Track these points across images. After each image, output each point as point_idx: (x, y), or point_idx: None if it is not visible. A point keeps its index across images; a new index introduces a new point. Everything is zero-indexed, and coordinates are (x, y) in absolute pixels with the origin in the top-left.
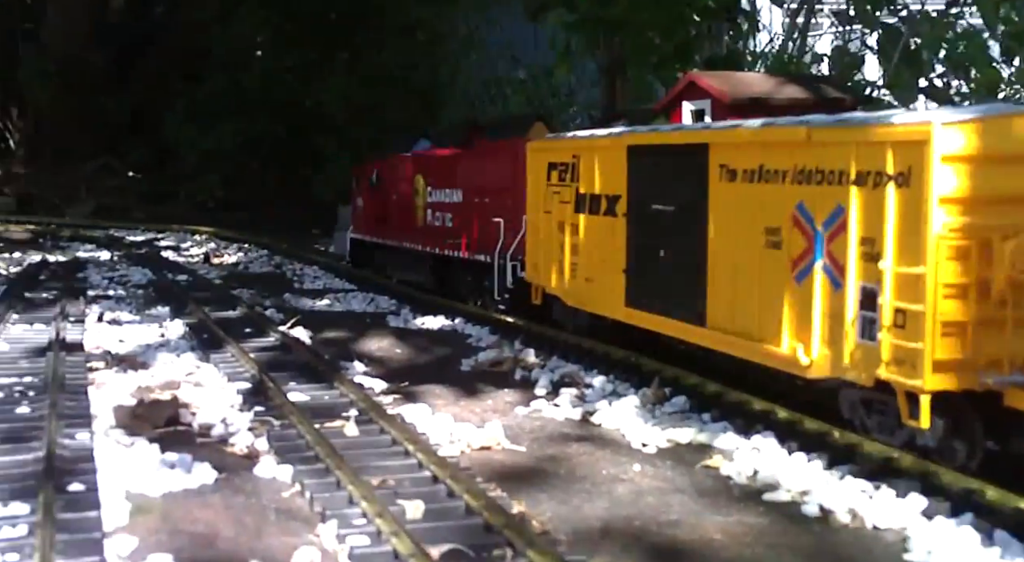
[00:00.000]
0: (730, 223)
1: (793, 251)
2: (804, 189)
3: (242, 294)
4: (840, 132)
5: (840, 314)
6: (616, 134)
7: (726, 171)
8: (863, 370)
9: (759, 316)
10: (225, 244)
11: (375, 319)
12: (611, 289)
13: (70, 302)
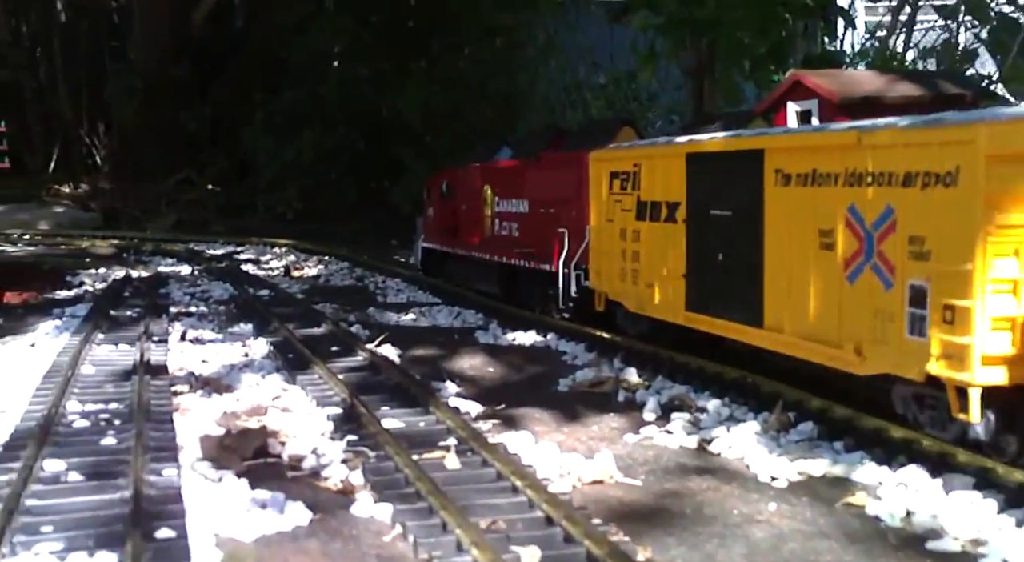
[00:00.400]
0: (785, 226)
1: (845, 252)
2: (855, 191)
3: (325, 309)
4: (888, 134)
5: (891, 312)
6: (675, 142)
7: (781, 175)
8: (914, 366)
9: (814, 316)
10: (305, 256)
11: (463, 335)
12: (672, 294)
13: (153, 320)
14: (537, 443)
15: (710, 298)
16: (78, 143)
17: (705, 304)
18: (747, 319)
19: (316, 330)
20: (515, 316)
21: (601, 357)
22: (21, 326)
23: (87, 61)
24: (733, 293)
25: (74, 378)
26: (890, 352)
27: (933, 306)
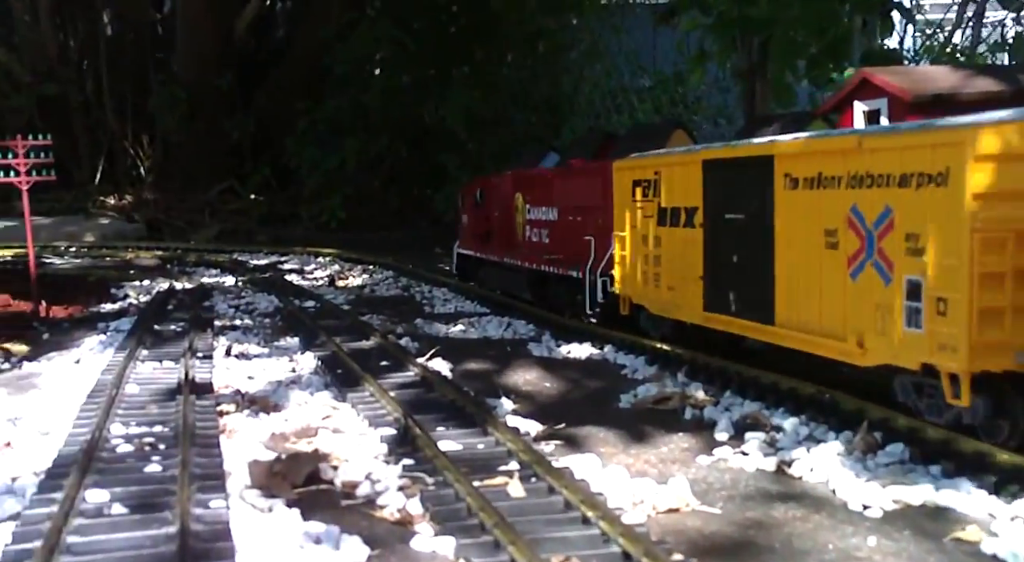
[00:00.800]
0: (793, 228)
1: (848, 250)
2: (857, 193)
3: (372, 320)
4: (886, 138)
5: (890, 306)
6: (692, 150)
7: (789, 179)
8: (911, 356)
9: (820, 312)
10: (349, 266)
11: (516, 347)
12: (691, 296)
13: (198, 335)
14: (604, 467)
15: (726, 298)
16: (123, 155)
17: (721, 304)
18: (759, 317)
19: (364, 343)
20: (568, 327)
21: (663, 371)
22: (67, 341)
23: (132, 73)
24: (747, 293)
25: (118, 398)
26: (890, 344)
27: (927, 299)
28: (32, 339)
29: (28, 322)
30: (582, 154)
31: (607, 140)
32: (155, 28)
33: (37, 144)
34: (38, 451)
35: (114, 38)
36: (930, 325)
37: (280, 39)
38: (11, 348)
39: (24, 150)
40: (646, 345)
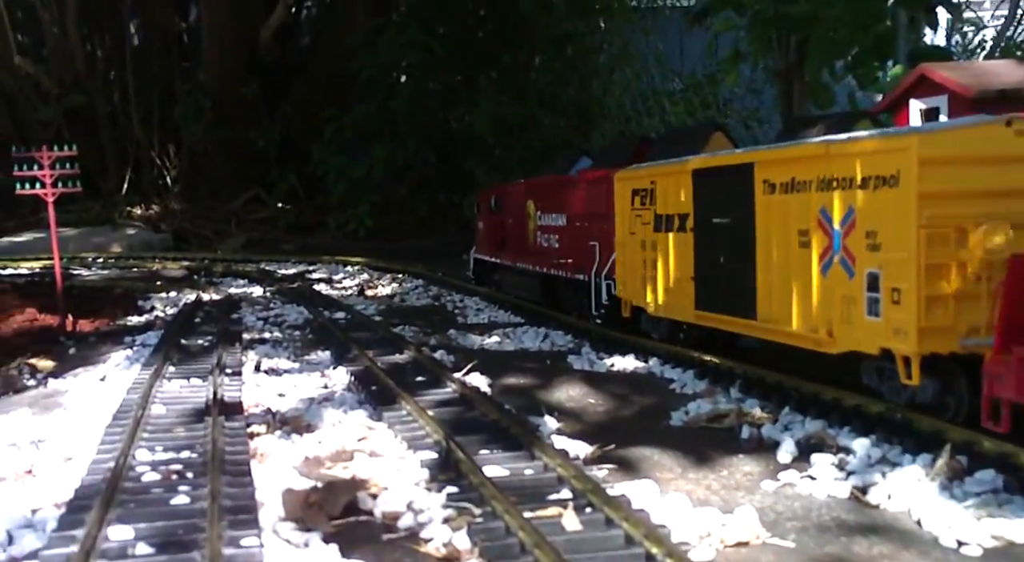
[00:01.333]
0: (771, 229)
1: (819, 248)
2: (825, 195)
3: (405, 332)
4: (849, 145)
5: (854, 297)
6: (682, 160)
7: (767, 185)
8: (872, 342)
9: (796, 306)
10: (378, 275)
11: (555, 360)
12: (684, 296)
13: (226, 349)
14: (663, 494)
15: (714, 297)
16: (149, 165)
17: (710, 302)
18: (743, 313)
19: (398, 357)
20: (610, 339)
21: (715, 386)
22: (93, 355)
23: (158, 83)
24: (732, 291)
25: (144, 420)
26: (854, 332)
27: (884, 289)
28: (58, 354)
29: (55, 336)
30: (617, 159)
31: (642, 144)
32: (181, 37)
33: (63, 155)
34: (60, 479)
35: (140, 48)
36: (887, 313)
37: (305, 47)
38: (37, 364)
39: (50, 161)
40: (694, 358)
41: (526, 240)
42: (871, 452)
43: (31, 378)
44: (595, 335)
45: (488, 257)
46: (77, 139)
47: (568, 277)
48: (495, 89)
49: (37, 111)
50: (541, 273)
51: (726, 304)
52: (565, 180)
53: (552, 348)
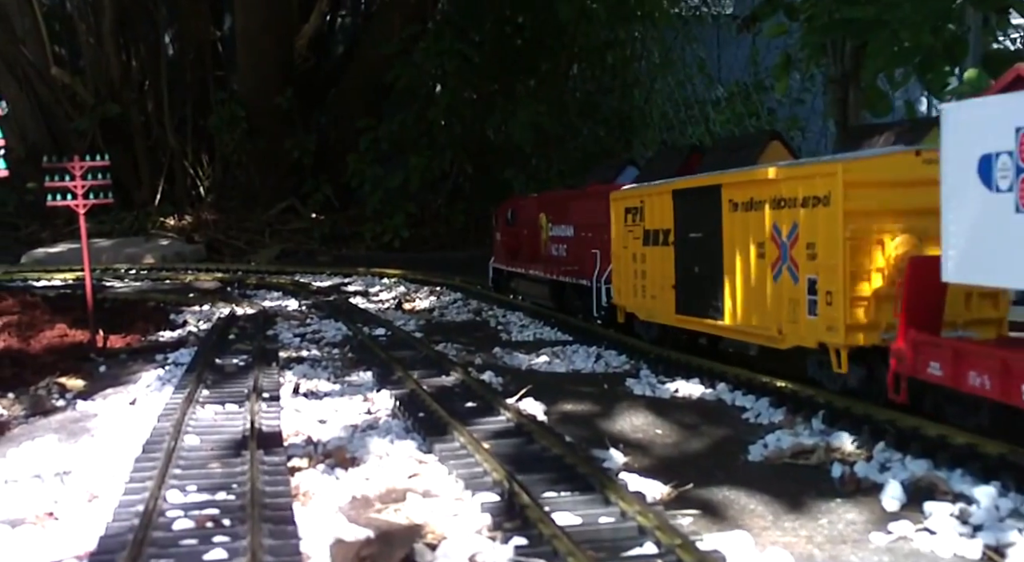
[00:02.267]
0: (736, 242)
1: (771, 258)
2: (777, 212)
3: (448, 350)
4: (793, 170)
5: (798, 299)
6: (664, 182)
7: (732, 204)
8: (811, 337)
9: (754, 308)
10: (415, 287)
11: (612, 383)
12: (666, 301)
13: (262, 370)
14: (760, 548)
15: (691, 302)
16: (183, 175)
17: (688, 307)
18: (713, 315)
19: (445, 379)
20: (670, 361)
21: (794, 416)
22: (124, 374)
23: (192, 92)
24: (704, 296)
25: (175, 453)
26: (799, 329)
27: (820, 292)
28: (88, 373)
29: (85, 354)
30: (665, 168)
31: (693, 153)
32: (215, 46)
33: (94, 165)
34: (83, 523)
35: (175, 58)
36: (822, 312)
37: (340, 55)
38: (67, 383)
39: (81, 172)
40: (767, 384)
41: (539, 250)
42: (998, 503)
43: (60, 398)
44: (653, 356)
45: (505, 266)
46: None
47: (574, 282)
48: (533, 98)
49: (72, 121)
50: (551, 279)
51: (700, 308)
52: (573, 194)
53: (607, 370)
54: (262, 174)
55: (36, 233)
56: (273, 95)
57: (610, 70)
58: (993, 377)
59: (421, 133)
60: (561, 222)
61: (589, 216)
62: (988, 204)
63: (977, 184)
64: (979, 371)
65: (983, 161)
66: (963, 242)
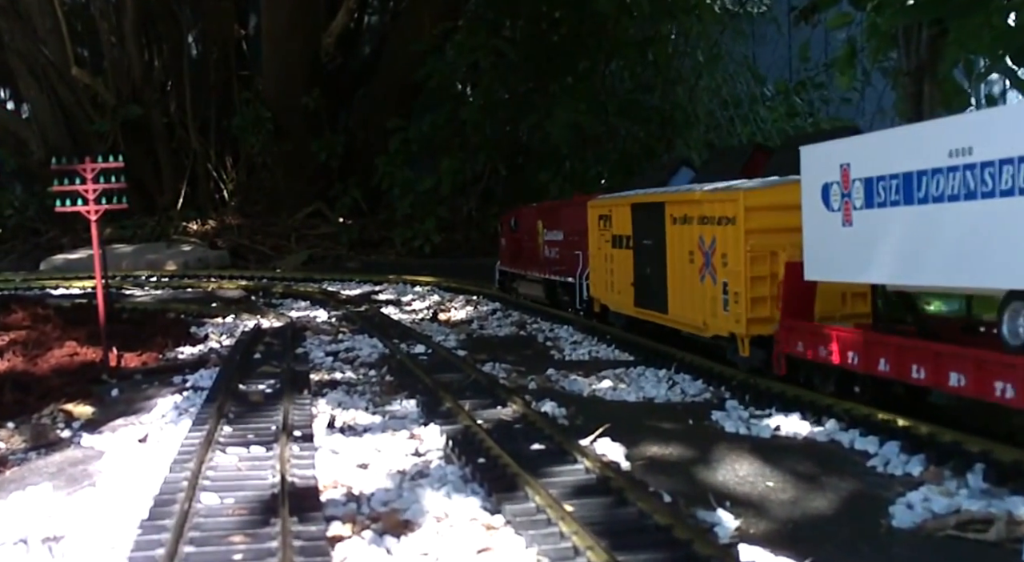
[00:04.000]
0: (675, 250)
1: (698, 264)
2: (702, 228)
3: (496, 371)
4: (709, 195)
5: (716, 298)
6: (626, 196)
7: (672, 218)
8: (725, 328)
9: (687, 304)
10: (450, 296)
11: (695, 416)
12: (628, 296)
13: (293, 399)
14: None
15: (644, 297)
16: (206, 178)
17: (642, 301)
18: (660, 308)
19: (501, 412)
20: (759, 389)
21: (939, 467)
22: (137, 400)
23: (216, 93)
24: (654, 293)
25: (189, 519)
26: (717, 322)
27: (730, 293)
28: (99, 398)
29: (96, 375)
30: (727, 169)
31: (757, 153)
32: (240, 46)
33: (108, 167)
34: None
35: (198, 58)
36: (732, 308)
37: (369, 54)
38: (74, 411)
39: (93, 174)
40: (890, 423)
41: (536, 253)
42: None
43: (66, 428)
44: (737, 383)
45: (509, 269)
46: (132, 152)
47: (562, 280)
48: (572, 96)
49: (93, 123)
50: (545, 278)
51: (651, 302)
52: (564, 203)
53: (685, 399)
54: (288, 177)
55: (56, 239)
56: (299, 95)
57: (651, 67)
58: (833, 348)
59: (453, 134)
60: (554, 228)
61: (576, 222)
62: (826, 221)
63: (820, 206)
64: (825, 345)
65: (824, 188)
66: (813, 249)
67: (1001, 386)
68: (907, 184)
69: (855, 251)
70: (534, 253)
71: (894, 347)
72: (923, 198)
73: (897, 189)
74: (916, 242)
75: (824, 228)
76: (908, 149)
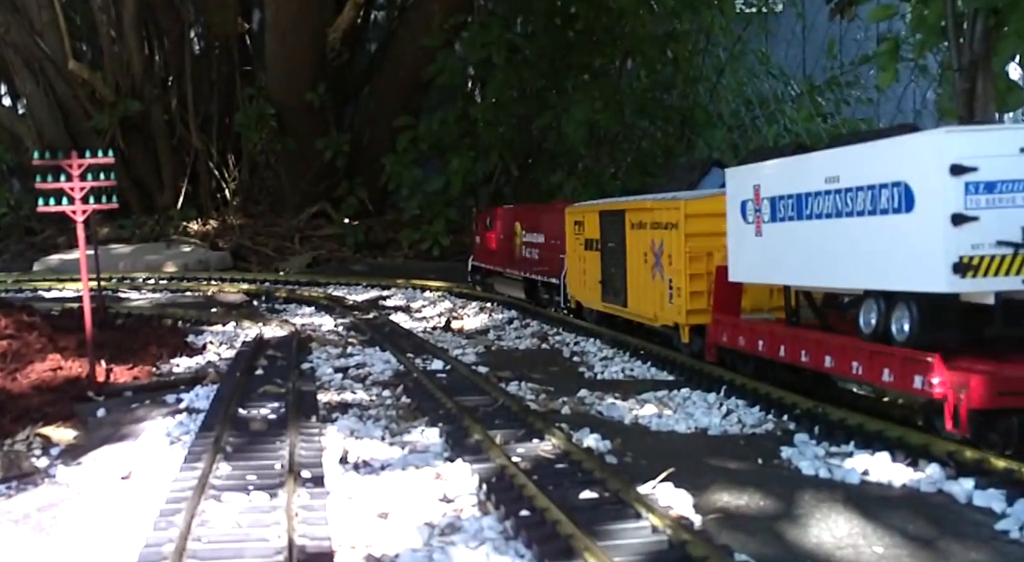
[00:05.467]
0: (633, 252)
1: (651, 263)
2: (653, 232)
3: (524, 392)
4: (658, 204)
5: (664, 292)
6: (596, 204)
7: (631, 224)
8: (670, 319)
9: (642, 298)
10: (462, 303)
11: (762, 452)
12: (596, 293)
13: (299, 428)
14: None
15: (609, 293)
16: (207, 176)
17: (608, 297)
18: (622, 303)
19: (539, 446)
20: (831, 420)
21: None
22: (124, 422)
23: (218, 89)
24: (617, 290)
25: None
26: (664, 313)
27: (674, 288)
28: (82, 419)
29: (82, 392)
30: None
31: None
32: (243, 40)
33: (96, 162)
34: None
35: (200, 52)
36: (675, 301)
37: (376, 50)
38: (52, 435)
39: (80, 171)
40: (1015, 474)
41: (514, 252)
42: None
43: (43, 455)
44: (802, 412)
45: (483, 264)
46: (132, 149)
47: (545, 280)
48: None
49: (91, 119)
50: (525, 277)
51: (615, 298)
52: (544, 208)
53: (743, 429)
54: (292, 176)
55: (52, 238)
56: (304, 92)
57: (671, 64)
58: (748, 338)
59: (464, 132)
60: (534, 230)
61: (558, 226)
62: (743, 231)
63: (740, 219)
64: (745, 335)
65: (742, 204)
66: (735, 255)
67: (856, 365)
68: (799, 203)
69: (765, 257)
70: (510, 252)
71: (790, 337)
72: (809, 215)
73: (792, 207)
74: (806, 251)
75: (742, 237)
76: (799, 175)
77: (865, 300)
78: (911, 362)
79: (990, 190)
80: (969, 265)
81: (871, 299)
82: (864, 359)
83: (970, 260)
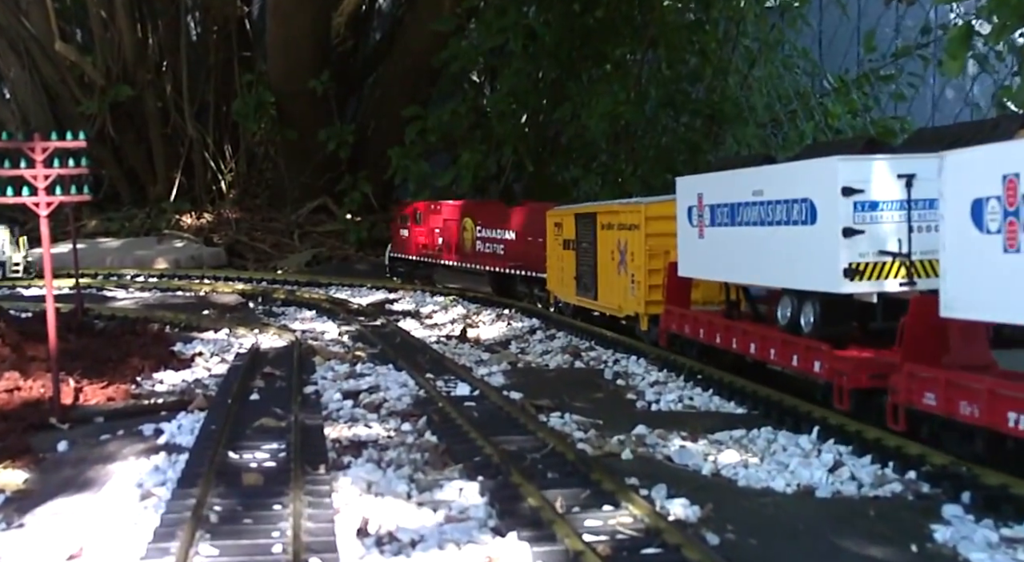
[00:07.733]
0: (603, 250)
1: (617, 261)
2: (620, 232)
3: (569, 427)
4: (622, 206)
5: (627, 286)
6: (572, 208)
7: (602, 225)
8: (632, 309)
9: (610, 292)
10: (476, 308)
11: (903, 529)
12: (571, 288)
13: (303, 483)
14: None
15: (582, 288)
16: (202, 167)
17: (581, 291)
18: (593, 297)
19: (616, 517)
20: (990, 489)
21: None
22: (89, 460)
23: (215, 74)
24: (588, 285)
25: None
26: (627, 304)
27: (636, 282)
28: (37, 456)
29: (43, 420)
30: None
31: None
32: (242, 24)
33: (64, 146)
34: None
35: (197, 36)
36: (636, 293)
37: (383, 36)
38: None
39: (44, 156)
40: None
41: (463, 246)
42: None
43: None
44: (941, 472)
45: (412, 256)
46: (123, 137)
47: (523, 274)
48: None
49: (79, 105)
50: (492, 271)
51: (587, 292)
52: (506, 207)
53: (861, 490)
54: (292, 168)
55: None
56: (306, 79)
57: (698, 55)
58: (692, 326)
59: (475, 124)
60: (495, 226)
61: (536, 225)
62: (689, 233)
63: (687, 222)
64: (689, 324)
65: (688, 210)
66: (683, 253)
67: (772, 351)
68: (732, 211)
69: (707, 256)
70: (459, 246)
71: (724, 327)
72: (740, 222)
73: (727, 214)
74: (738, 252)
75: (688, 238)
76: (733, 186)
77: (782, 297)
78: (811, 350)
79: (873, 208)
80: (857, 270)
81: (786, 296)
82: (779, 346)
83: (858, 266)
